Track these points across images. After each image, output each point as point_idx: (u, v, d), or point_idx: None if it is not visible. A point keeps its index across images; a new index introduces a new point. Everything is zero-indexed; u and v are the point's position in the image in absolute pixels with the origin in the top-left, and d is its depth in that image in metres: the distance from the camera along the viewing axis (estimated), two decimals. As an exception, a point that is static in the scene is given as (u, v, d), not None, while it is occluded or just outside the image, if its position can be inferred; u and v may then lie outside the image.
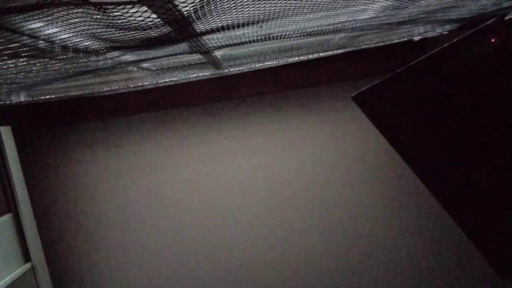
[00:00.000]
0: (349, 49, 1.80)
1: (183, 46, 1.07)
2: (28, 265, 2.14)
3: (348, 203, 2.49)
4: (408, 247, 2.49)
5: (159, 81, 1.79)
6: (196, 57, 1.34)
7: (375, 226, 2.49)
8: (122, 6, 0.66)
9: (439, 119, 1.38)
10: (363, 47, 1.78)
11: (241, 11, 0.82)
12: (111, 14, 0.69)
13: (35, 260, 2.17)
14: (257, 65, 1.75)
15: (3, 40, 0.77)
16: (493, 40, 1.04)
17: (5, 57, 0.93)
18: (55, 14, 0.67)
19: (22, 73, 1.13)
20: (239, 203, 2.51)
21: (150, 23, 0.78)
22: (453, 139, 1.37)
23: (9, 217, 2.12)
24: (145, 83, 1.76)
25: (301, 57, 1.76)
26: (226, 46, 1.18)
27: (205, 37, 1.02)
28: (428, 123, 1.43)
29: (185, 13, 0.76)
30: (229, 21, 0.89)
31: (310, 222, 2.49)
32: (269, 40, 1.18)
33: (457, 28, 1.60)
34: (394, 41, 1.83)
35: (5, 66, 1.01)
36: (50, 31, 0.78)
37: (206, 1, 0.70)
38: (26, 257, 2.16)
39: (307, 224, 2.49)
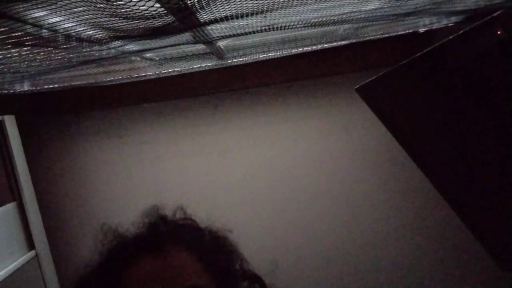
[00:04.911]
0: (354, 41, 1.79)
1: (187, 36, 1.07)
2: (32, 252, 2.16)
3: (352, 195, 2.49)
4: (412, 243, 2.49)
5: (162, 72, 1.78)
6: (200, 47, 1.34)
7: (378, 220, 2.49)
8: (126, -5, 0.66)
9: (443, 112, 1.37)
10: (367, 38, 1.76)
11: (245, 0, 0.82)
12: (114, 3, 0.69)
13: (39, 248, 2.20)
14: (261, 56, 1.74)
15: (6, 28, 0.77)
16: (499, 32, 1.03)
17: (9, 46, 0.92)
18: (58, 2, 0.67)
19: (25, 62, 1.13)
20: (243, 195, 2.51)
21: (153, 12, 0.78)
22: (457, 133, 1.36)
23: (14, 206, 2.14)
24: (149, 73, 1.76)
25: (305, 48, 1.75)
26: (230, 36, 1.17)
27: (208, 27, 1.01)
28: (433, 116, 1.42)
29: (188, 2, 0.76)
30: (233, 11, 0.89)
31: (316, 215, 2.49)
32: (273, 30, 1.18)
33: (463, 20, 1.58)
34: (399, 33, 1.82)
35: (8, 55, 1.01)
36: (54, 20, 0.78)
37: (210, -9, 0.69)
38: (30, 245, 2.18)
39: (313, 216, 2.49)
